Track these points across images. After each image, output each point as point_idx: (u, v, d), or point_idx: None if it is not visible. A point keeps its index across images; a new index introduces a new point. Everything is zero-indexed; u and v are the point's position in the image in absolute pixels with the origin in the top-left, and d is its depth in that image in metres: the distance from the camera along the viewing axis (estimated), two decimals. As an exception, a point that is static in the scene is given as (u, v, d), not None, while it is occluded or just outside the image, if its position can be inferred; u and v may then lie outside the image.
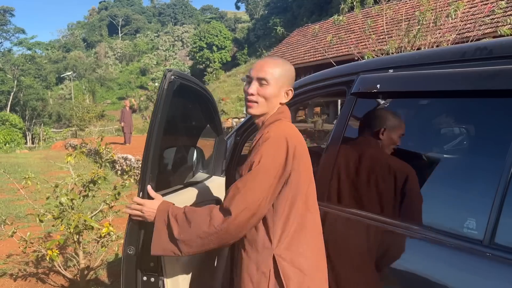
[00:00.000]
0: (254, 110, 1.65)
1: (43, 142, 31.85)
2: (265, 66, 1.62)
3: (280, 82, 1.63)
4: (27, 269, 4.65)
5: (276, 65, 1.63)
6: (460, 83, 1.30)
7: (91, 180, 3.75)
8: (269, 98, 1.62)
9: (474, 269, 1.18)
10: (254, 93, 1.62)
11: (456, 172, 1.42)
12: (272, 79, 1.61)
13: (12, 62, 53.16)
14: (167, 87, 1.75)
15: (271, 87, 1.61)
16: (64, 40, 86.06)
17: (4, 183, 10.11)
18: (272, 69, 1.61)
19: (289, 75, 1.67)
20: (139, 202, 1.71)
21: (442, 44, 7.54)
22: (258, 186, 1.47)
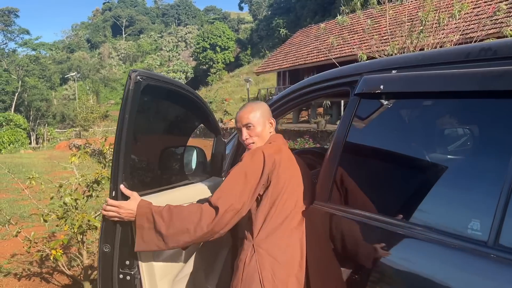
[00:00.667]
0: (253, 146, 1.98)
1: (47, 142, 32.01)
2: (246, 114, 1.98)
3: (262, 119, 1.99)
4: (31, 268, 4.67)
5: (253, 109, 1.99)
6: (467, 83, 1.30)
7: (95, 180, 3.76)
8: (260, 134, 1.98)
9: (478, 270, 1.17)
10: (248, 137, 1.98)
11: (460, 173, 1.41)
12: (255, 120, 1.97)
13: (16, 63, 53.42)
14: (133, 87, 1.75)
15: (258, 126, 1.97)
16: (68, 41, 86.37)
17: (8, 183, 10.16)
18: (252, 114, 1.97)
19: (266, 110, 2.04)
20: (113, 204, 1.75)
21: (445, 45, 7.52)
22: (238, 187, 1.74)
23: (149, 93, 1.87)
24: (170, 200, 1.90)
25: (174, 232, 1.69)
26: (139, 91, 1.78)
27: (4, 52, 63.32)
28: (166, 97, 2.14)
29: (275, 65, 23.06)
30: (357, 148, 1.73)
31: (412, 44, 7.75)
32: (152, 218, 1.71)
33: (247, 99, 23.89)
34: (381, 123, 1.71)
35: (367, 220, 1.53)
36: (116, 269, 1.83)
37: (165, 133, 2.38)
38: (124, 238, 1.78)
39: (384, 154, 1.72)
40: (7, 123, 32.72)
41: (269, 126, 2.03)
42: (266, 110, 2.05)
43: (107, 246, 1.82)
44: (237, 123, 2.01)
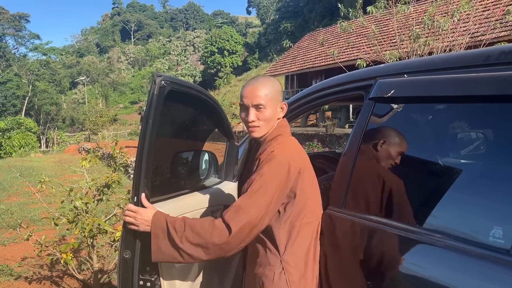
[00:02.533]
0: (258, 133, 1.73)
1: (57, 146, 32.28)
2: (258, 91, 1.68)
3: (274, 101, 1.71)
4: (41, 272, 4.69)
5: (266, 87, 1.69)
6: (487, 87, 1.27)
7: (105, 184, 3.78)
8: (268, 119, 1.71)
9: (500, 279, 1.14)
10: (255, 119, 1.70)
11: (481, 178, 1.38)
12: (267, 102, 1.68)
13: (27, 68, 54.06)
14: (158, 93, 1.73)
15: (269, 109, 1.69)
16: (78, 46, 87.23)
17: (19, 187, 10.24)
18: (264, 92, 1.68)
19: (278, 90, 1.74)
20: (132, 210, 1.72)
21: (454, 48, 7.46)
22: (258, 202, 1.56)
23: (172, 98, 1.86)
24: (185, 206, 1.88)
25: (187, 246, 1.59)
26: (163, 96, 1.76)
27: (15, 57, 64.12)
28: (186, 102, 2.13)
29: (283, 68, 23.06)
30: (372, 153, 1.70)
31: (420, 47, 7.71)
32: (166, 228, 1.63)
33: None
34: (397, 127, 1.69)
35: (382, 226, 1.50)
36: (137, 276, 1.80)
37: (183, 137, 2.38)
38: (144, 244, 1.75)
39: (399, 159, 1.69)
40: (17, 127, 33.06)
41: (280, 111, 1.76)
42: (280, 91, 1.77)
43: (128, 252, 1.79)
44: (244, 99, 1.71)
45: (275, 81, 1.74)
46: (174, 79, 1.85)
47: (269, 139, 1.74)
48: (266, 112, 1.69)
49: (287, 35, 45.47)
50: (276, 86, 1.73)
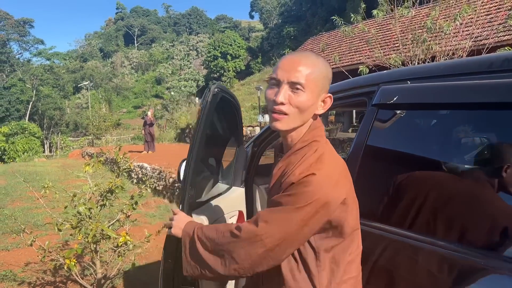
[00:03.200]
0: (283, 124, 1.27)
1: (61, 150, 32.38)
2: (300, 65, 1.24)
3: (319, 87, 1.27)
4: (45, 277, 4.69)
5: (313, 64, 1.25)
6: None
7: (108, 190, 3.78)
8: (304, 109, 1.26)
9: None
10: (285, 102, 1.24)
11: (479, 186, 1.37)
12: (309, 83, 1.24)
13: (31, 73, 54.32)
14: (211, 100, 1.70)
15: (308, 95, 1.24)
16: (82, 50, 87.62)
17: (23, 191, 10.26)
18: (309, 70, 1.24)
19: (329, 77, 1.31)
20: (175, 212, 1.56)
21: (457, 52, 7.46)
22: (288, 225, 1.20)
23: (219, 106, 1.85)
24: (214, 212, 1.88)
25: (209, 258, 1.33)
26: (215, 103, 1.75)
27: (19, 62, 64.44)
28: (227, 109, 2.17)
29: (286, 73, 23.03)
30: (375, 160, 1.70)
31: (423, 52, 7.71)
32: (193, 237, 1.39)
33: (258, 107, 23.90)
34: (400, 134, 1.68)
35: (385, 233, 1.50)
36: (178, 285, 1.77)
37: (217, 144, 2.40)
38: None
39: (403, 166, 1.68)
40: (21, 132, 33.19)
41: (321, 105, 1.31)
42: (329, 78, 1.31)
43: (169, 261, 1.76)
44: (279, 71, 1.26)
45: (326, 63, 1.30)
46: (223, 86, 1.85)
47: (299, 146, 1.30)
48: (303, 97, 1.24)
49: (290, 39, 45.58)
50: (326, 69, 1.29)
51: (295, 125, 1.28)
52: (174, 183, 9.26)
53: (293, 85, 1.24)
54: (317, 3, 43.80)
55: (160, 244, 6.20)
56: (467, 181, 1.46)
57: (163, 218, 7.46)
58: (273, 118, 1.28)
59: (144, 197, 4.44)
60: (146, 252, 5.54)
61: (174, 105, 36.39)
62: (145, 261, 5.35)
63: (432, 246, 1.33)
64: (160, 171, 10.49)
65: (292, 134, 1.32)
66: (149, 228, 5.90)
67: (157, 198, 9.63)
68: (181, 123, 25.64)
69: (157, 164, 11.40)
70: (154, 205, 8.79)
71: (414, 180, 1.59)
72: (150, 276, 4.84)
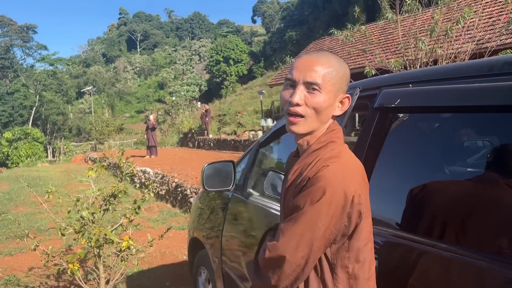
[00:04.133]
0: (300, 127, 1.21)
1: (64, 155, 32.45)
2: (316, 65, 1.19)
3: (336, 87, 1.22)
4: (48, 282, 4.70)
5: (330, 64, 1.21)
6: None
7: (111, 194, 3.79)
8: (321, 110, 1.20)
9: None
10: (301, 103, 1.19)
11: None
12: (326, 83, 1.19)
13: (34, 78, 54.56)
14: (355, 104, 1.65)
15: (325, 95, 1.19)
16: (85, 56, 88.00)
17: (26, 196, 10.30)
18: (326, 70, 1.19)
19: (346, 77, 1.26)
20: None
21: (460, 55, 7.46)
22: (309, 228, 1.13)
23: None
24: None
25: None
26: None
27: (23, 68, 64.75)
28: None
29: (289, 77, 23.09)
30: (376, 164, 1.70)
31: (426, 55, 7.72)
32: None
33: (260, 111, 23.92)
34: (401, 137, 1.69)
35: (392, 238, 1.49)
36: None
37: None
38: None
39: (406, 170, 1.69)
40: (25, 137, 33.31)
41: (338, 107, 1.26)
42: (347, 77, 1.27)
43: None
44: (295, 71, 1.21)
45: (345, 63, 1.27)
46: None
47: (315, 147, 1.23)
48: (320, 98, 1.18)
49: (292, 44, 45.64)
50: (344, 68, 1.25)
51: (312, 127, 1.23)
52: (177, 188, 9.27)
53: (309, 85, 1.19)
54: (319, 7, 43.88)
55: (163, 248, 6.24)
56: (470, 185, 1.46)
57: (166, 222, 7.46)
58: (289, 121, 1.21)
59: (147, 202, 4.45)
60: (149, 257, 5.54)
61: (176, 110, 36.41)
62: (148, 266, 5.35)
63: (450, 253, 1.30)
64: (163, 175, 10.50)
65: (308, 137, 1.26)
66: (152, 232, 5.91)
67: (160, 202, 9.63)
68: (183, 127, 25.68)
69: (160, 169, 11.41)
70: (157, 209, 8.80)
71: (418, 184, 1.59)
72: (153, 281, 4.84)
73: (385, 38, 15.12)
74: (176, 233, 6.75)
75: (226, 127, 23.89)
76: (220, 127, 23.02)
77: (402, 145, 1.78)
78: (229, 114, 26.62)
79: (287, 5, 59.40)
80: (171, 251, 5.83)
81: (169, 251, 5.85)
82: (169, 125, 32.34)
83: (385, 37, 15.10)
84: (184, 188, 8.83)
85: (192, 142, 23.52)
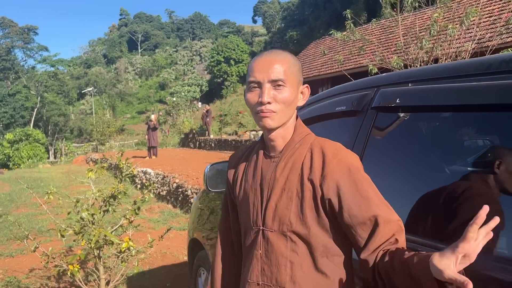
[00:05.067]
0: (274, 121, 1.27)
1: (65, 156, 32.48)
2: (275, 63, 1.26)
3: (297, 79, 1.31)
4: (49, 283, 4.70)
5: (286, 60, 1.29)
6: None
7: (111, 195, 3.79)
8: (289, 103, 1.28)
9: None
10: (272, 101, 1.25)
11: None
12: (288, 78, 1.27)
13: (35, 79, 54.68)
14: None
15: (290, 89, 1.27)
16: (86, 57, 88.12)
17: (27, 198, 10.31)
18: (285, 66, 1.27)
19: (300, 69, 1.35)
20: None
21: (461, 55, 7.43)
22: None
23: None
24: None
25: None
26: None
27: (24, 69, 64.91)
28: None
29: (289, 77, 23.08)
30: (375, 164, 1.69)
31: (426, 54, 7.69)
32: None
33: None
34: (399, 137, 1.68)
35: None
36: None
37: None
38: None
39: (403, 170, 1.67)
40: (26, 138, 33.35)
41: (301, 98, 1.35)
42: (301, 69, 1.35)
43: None
44: (257, 73, 1.27)
45: (295, 57, 1.34)
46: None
47: (298, 139, 1.32)
48: (286, 92, 1.26)
49: (292, 43, 45.64)
50: (297, 62, 1.33)
51: (284, 120, 1.29)
52: (177, 188, 9.27)
53: (275, 82, 1.26)
54: (320, 7, 43.89)
55: (164, 249, 6.24)
56: (473, 186, 1.45)
57: (167, 223, 7.46)
58: (262, 117, 1.27)
59: (147, 202, 4.45)
60: (150, 257, 5.54)
61: (177, 110, 36.41)
62: (149, 267, 5.35)
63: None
64: (164, 176, 10.50)
65: (281, 131, 1.32)
66: (153, 233, 5.91)
67: (161, 203, 9.64)
68: (184, 128, 25.68)
69: (161, 170, 11.41)
70: (158, 210, 8.80)
71: (417, 185, 1.58)
72: (154, 282, 4.83)
73: (385, 38, 15.10)
74: (177, 233, 6.75)
75: (227, 127, 23.90)
76: (221, 127, 23.02)
77: (402, 145, 1.77)
78: (230, 114, 26.67)
79: (288, 5, 59.42)
80: (171, 252, 5.83)
81: (170, 251, 5.84)
82: (170, 126, 32.35)
83: (385, 37, 15.09)
84: (185, 189, 8.83)
85: (193, 143, 23.53)
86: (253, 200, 1.35)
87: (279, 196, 1.28)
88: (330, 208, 1.22)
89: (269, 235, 1.29)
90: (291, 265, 1.26)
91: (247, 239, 1.38)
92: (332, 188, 1.21)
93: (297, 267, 1.25)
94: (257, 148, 1.42)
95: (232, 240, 1.53)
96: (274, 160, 1.33)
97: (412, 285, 1.05)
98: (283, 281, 1.26)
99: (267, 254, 1.29)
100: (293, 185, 1.27)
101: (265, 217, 1.31)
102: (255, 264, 1.31)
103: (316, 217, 1.24)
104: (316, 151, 1.27)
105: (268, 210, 1.30)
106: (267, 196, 1.32)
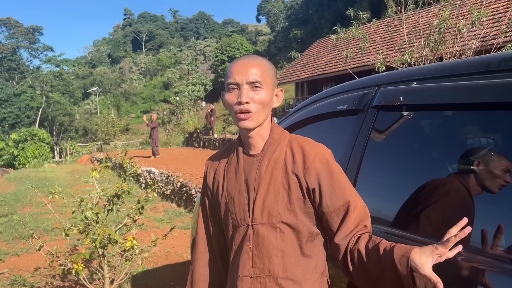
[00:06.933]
0: (252, 122, 1.36)
1: (70, 156, 32.65)
2: (253, 67, 1.36)
3: (272, 82, 1.41)
4: (53, 282, 4.73)
5: (262, 64, 1.39)
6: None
7: (115, 194, 3.81)
8: (266, 104, 1.37)
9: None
10: (250, 101, 1.34)
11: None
12: (265, 80, 1.37)
13: (41, 79, 54.97)
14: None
15: (266, 90, 1.37)
16: (90, 57, 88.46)
17: (33, 197, 10.37)
18: (262, 69, 1.37)
19: (275, 72, 1.45)
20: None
21: (465, 53, 7.40)
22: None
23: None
24: None
25: None
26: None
27: (29, 69, 65.29)
28: None
29: (293, 76, 23.08)
30: (375, 163, 1.69)
31: (431, 52, 7.66)
32: None
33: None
34: (400, 136, 1.68)
35: (392, 237, 1.48)
36: None
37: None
38: None
39: (404, 169, 1.67)
40: (31, 138, 33.55)
41: (276, 100, 1.44)
42: (276, 73, 1.46)
43: None
44: (236, 75, 1.36)
45: (270, 62, 1.45)
46: None
47: (277, 137, 1.43)
48: (263, 93, 1.35)
49: (297, 42, 45.59)
50: (273, 66, 1.45)
51: (261, 121, 1.39)
52: (182, 188, 9.29)
53: (252, 84, 1.35)
54: (324, 6, 43.82)
55: (168, 248, 6.25)
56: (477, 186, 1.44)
57: (171, 222, 7.49)
58: (240, 118, 1.35)
59: (151, 202, 4.47)
60: (154, 256, 5.56)
61: (181, 110, 36.43)
62: (153, 265, 5.37)
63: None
64: (168, 175, 10.53)
65: (258, 131, 1.41)
66: (157, 232, 5.93)
67: (165, 202, 9.66)
68: (188, 127, 25.71)
69: (165, 169, 11.44)
70: (162, 209, 8.83)
71: (418, 184, 1.57)
72: (158, 280, 4.85)
73: (389, 36, 15.05)
74: (181, 232, 6.77)
75: (231, 126, 23.88)
76: (225, 127, 23.01)
77: (404, 143, 1.76)
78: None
79: (292, 4, 59.36)
80: (176, 251, 5.85)
81: (174, 250, 5.87)
82: (174, 125, 32.38)
83: (389, 35, 15.04)
84: (189, 188, 8.85)
85: (197, 142, 23.56)
86: (238, 198, 1.42)
87: (266, 191, 1.37)
88: (314, 196, 1.34)
89: (259, 229, 1.36)
90: (282, 254, 1.34)
91: (234, 237, 1.43)
92: (314, 179, 1.33)
93: (288, 255, 1.35)
94: (235, 149, 1.49)
95: (212, 242, 1.57)
96: (256, 159, 1.42)
97: (384, 273, 1.18)
98: (276, 270, 1.34)
99: (258, 247, 1.36)
100: (279, 180, 1.36)
101: (254, 212, 1.37)
102: (246, 258, 1.38)
103: (303, 206, 1.35)
104: (295, 146, 1.39)
105: (256, 205, 1.37)
106: (254, 192, 1.39)
